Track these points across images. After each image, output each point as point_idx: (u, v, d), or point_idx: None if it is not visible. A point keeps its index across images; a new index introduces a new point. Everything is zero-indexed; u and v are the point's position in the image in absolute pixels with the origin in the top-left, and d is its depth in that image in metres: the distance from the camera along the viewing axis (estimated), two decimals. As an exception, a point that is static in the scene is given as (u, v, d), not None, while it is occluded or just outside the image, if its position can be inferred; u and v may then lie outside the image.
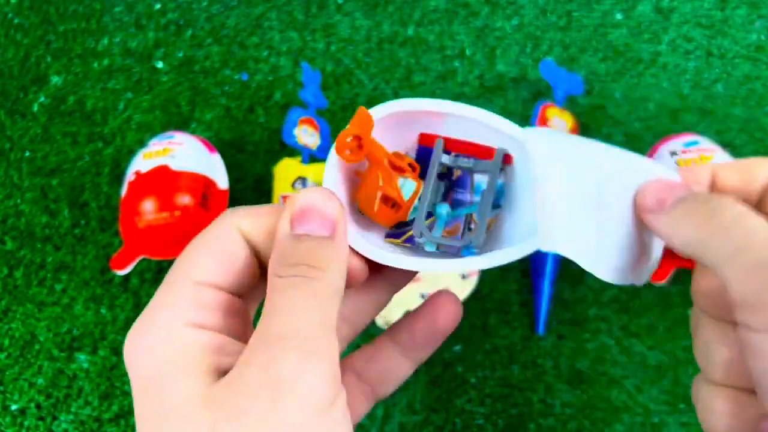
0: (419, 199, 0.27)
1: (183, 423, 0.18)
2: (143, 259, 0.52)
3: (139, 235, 0.48)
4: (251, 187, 0.55)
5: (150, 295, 0.52)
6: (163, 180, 0.48)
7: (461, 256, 0.26)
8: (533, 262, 0.49)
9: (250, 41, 0.62)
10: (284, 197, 0.51)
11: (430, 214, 0.27)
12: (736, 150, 0.54)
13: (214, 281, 0.21)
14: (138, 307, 0.51)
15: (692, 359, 0.30)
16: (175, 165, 0.49)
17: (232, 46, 0.62)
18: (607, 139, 0.55)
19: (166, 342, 0.20)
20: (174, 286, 0.21)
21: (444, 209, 0.28)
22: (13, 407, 0.49)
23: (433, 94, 0.58)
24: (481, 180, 0.27)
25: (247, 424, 0.18)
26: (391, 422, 0.47)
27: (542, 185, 0.24)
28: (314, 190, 0.22)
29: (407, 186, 0.27)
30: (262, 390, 0.18)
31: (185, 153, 0.50)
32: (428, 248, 0.27)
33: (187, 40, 0.63)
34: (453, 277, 0.40)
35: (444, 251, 0.26)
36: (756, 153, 0.54)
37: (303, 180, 0.51)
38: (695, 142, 0.48)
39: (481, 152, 0.27)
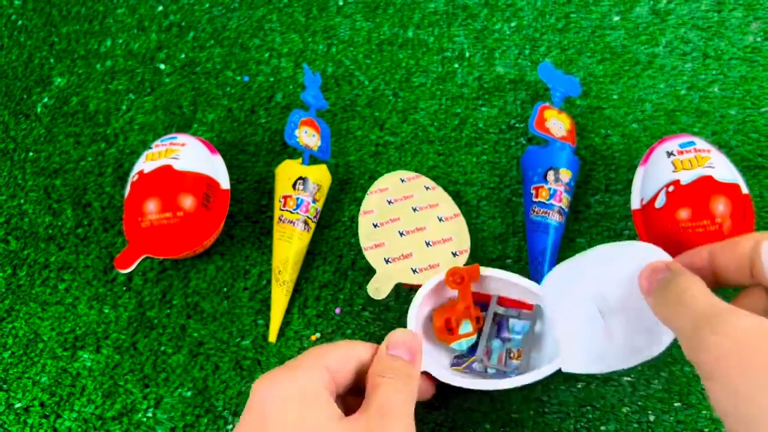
0: (479, 334, 0.44)
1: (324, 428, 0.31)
2: (146, 258, 0.52)
3: (143, 235, 0.49)
4: (253, 187, 0.56)
5: (152, 295, 0.52)
6: (165, 180, 0.49)
7: (509, 376, 0.42)
8: (531, 263, 0.49)
9: (252, 43, 0.63)
10: (285, 197, 0.51)
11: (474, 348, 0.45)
12: (731, 151, 0.54)
13: (333, 372, 0.35)
14: (140, 306, 0.52)
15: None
16: (178, 166, 0.50)
17: (234, 47, 0.63)
18: (604, 139, 0.56)
19: (304, 389, 0.32)
20: (310, 364, 0.35)
21: (497, 343, 0.45)
22: (17, 405, 0.49)
23: (432, 96, 0.59)
24: (514, 323, 0.45)
25: None
26: (391, 420, 0.47)
27: (555, 325, 0.41)
28: (403, 332, 0.38)
29: (466, 326, 0.43)
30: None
31: (187, 154, 0.51)
32: (489, 371, 0.44)
33: (190, 42, 0.63)
34: (444, 254, 0.47)
35: (495, 373, 0.44)
36: (751, 154, 0.54)
37: (304, 180, 0.52)
38: (691, 143, 0.48)
39: (520, 305, 0.45)
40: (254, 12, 0.64)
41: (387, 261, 0.46)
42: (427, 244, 0.47)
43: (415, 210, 0.49)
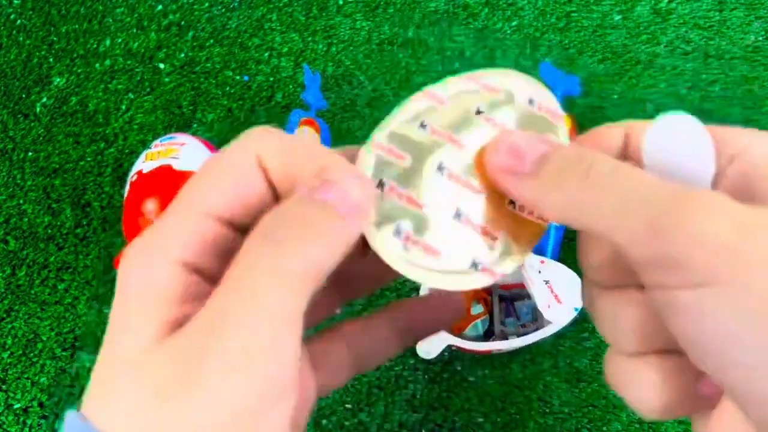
0: (490, 317, 0.50)
1: (113, 389, 0.17)
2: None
3: (142, 235, 0.49)
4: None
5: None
6: (165, 180, 0.49)
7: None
8: (532, 262, 0.49)
9: (252, 43, 0.63)
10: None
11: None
12: (733, 151, 0.54)
13: (221, 214, 0.19)
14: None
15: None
16: (177, 166, 0.49)
17: (234, 47, 0.62)
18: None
19: (148, 278, 0.18)
20: (179, 213, 0.19)
21: (511, 320, 0.50)
22: (16, 406, 0.49)
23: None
24: (520, 306, 0.51)
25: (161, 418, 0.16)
26: (391, 420, 0.47)
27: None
28: (351, 167, 0.19)
29: (477, 307, 0.46)
30: (185, 379, 0.16)
31: (187, 154, 0.51)
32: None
33: (189, 42, 0.63)
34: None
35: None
36: (753, 153, 0.54)
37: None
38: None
39: (521, 287, 0.49)
40: (254, 11, 0.64)
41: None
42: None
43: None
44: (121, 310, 0.18)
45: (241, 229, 0.19)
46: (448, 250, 0.20)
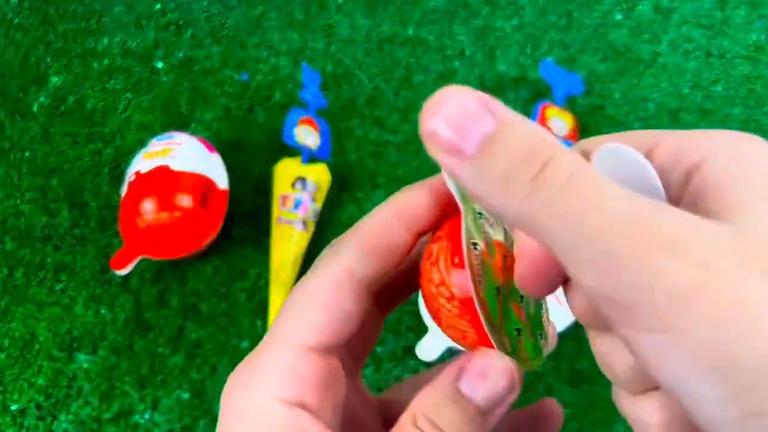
0: None
1: None
2: (143, 259, 0.52)
3: (140, 235, 0.48)
4: (251, 187, 0.55)
5: (150, 296, 0.52)
6: (163, 180, 0.48)
7: None
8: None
9: (250, 41, 0.62)
10: (284, 197, 0.51)
11: None
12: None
13: (318, 342, 0.18)
14: (138, 307, 0.51)
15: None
16: (175, 165, 0.49)
17: (232, 46, 0.62)
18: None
19: (255, 414, 0.18)
20: (274, 349, 0.18)
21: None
22: (13, 407, 0.49)
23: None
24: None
25: None
26: (391, 422, 0.47)
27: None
28: (497, 356, 0.18)
29: None
30: None
31: (185, 153, 0.50)
32: None
33: (187, 41, 0.63)
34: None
35: None
36: (756, 153, 0.54)
37: (303, 180, 0.51)
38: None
39: None
40: (253, 10, 0.64)
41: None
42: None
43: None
44: None
45: (339, 346, 0.19)
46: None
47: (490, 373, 0.18)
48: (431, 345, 0.46)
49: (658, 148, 0.16)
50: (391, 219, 0.19)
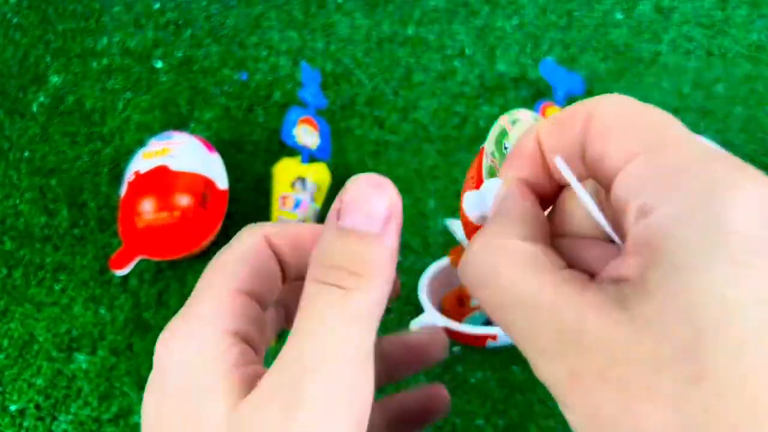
0: None
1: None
2: (142, 260, 0.52)
3: (139, 236, 0.48)
4: (251, 186, 0.55)
5: (149, 296, 0.52)
6: (162, 180, 0.48)
7: None
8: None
9: (250, 41, 0.62)
10: (283, 197, 0.51)
11: None
12: (736, 149, 0.53)
13: (247, 289, 0.20)
14: (137, 308, 0.51)
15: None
16: (175, 165, 0.49)
17: (232, 45, 0.62)
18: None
19: (203, 349, 0.19)
20: (212, 292, 0.20)
21: None
22: (12, 408, 0.48)
23: (433, 94, 0.58)
24: None
25: None
26: (391, 423, 0.47)
27: None
28: (366, 177, 0.19)
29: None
30: (278, 428, 0.17)
31: (184, 153, 0.50)
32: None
33: (187, 40, 0.62)
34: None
35: None
36: (756, 153, 0.54)
37: (302, 180, 0.51)
38: (696, 142, 0.48)
39: None
40: (252, 9, 0.64)
41: None
42: None
43: None
44: (185, 380, 0.18)
45: (260, 301, 0.21)
46: None
47: (364, 201, 0.19)
48: (426, 323, 0.46)
49: (620, 173, 0.16)
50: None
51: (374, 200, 0.18)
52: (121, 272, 0.49)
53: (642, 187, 0.15)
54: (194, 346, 0.19)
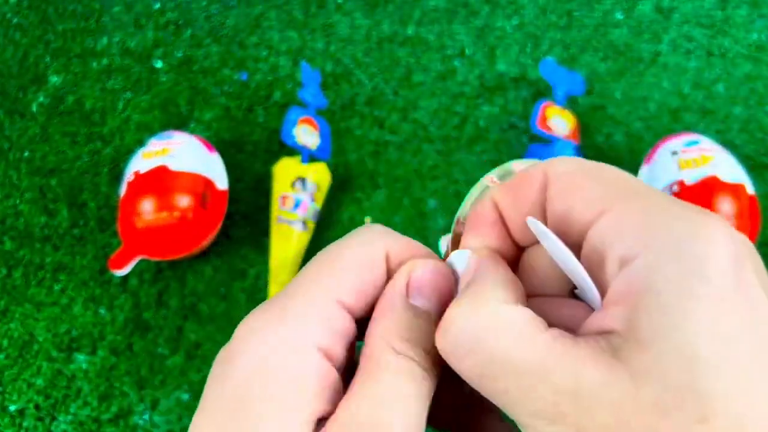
0: None
1: None
2: (142, 260, 0.52)
3: (138, 236, 0.48)
4: (250, 186, 0.55)
5: (149, 296, 0.52)
6: (162, 180, 0.48)
7: None
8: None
9: (250, 41, 0.62)
10: (283, 197, 0.51)
11: None
12: (736, 149, 0.53)
13: (351, 304, 0.18)
14: (137, 308, 0.51)
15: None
16: (174, 165, 0.49)
17: (232, 45, 0.62)
18: (608, 138, 0.55)
19: (287, 358, 0.17)
20: (314, 297, 0.18)
21: None
22: (12, 408, 0.48)
23: (432, 94, 0.58)
24: None
25: None
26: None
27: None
28: (436, 266, 0.19)
29: None
30: None
31: (184, 153, 0.50)
32: None
33: (187, 40, 0.62)
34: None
35: None
36: (756, 152, 0.54)
37: (302, 180, 0.51)
38: (696, 142, 0.47)
39: None
40: (252, 9, 0.64)
41: None
42: None
43: None
44: (265, 394, 0.16)
45: (356, 316, 0.19)
46: None
47: (429, 280, 0.18)
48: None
49: (593, 226, 0.16)
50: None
51: (441, 281, 0.19)
52: (120, 272, 0.49)
53: (619, 238, 0.16)
54: (280, 351, 0.17)
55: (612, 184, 0.17)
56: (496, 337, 0.16)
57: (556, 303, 0.18)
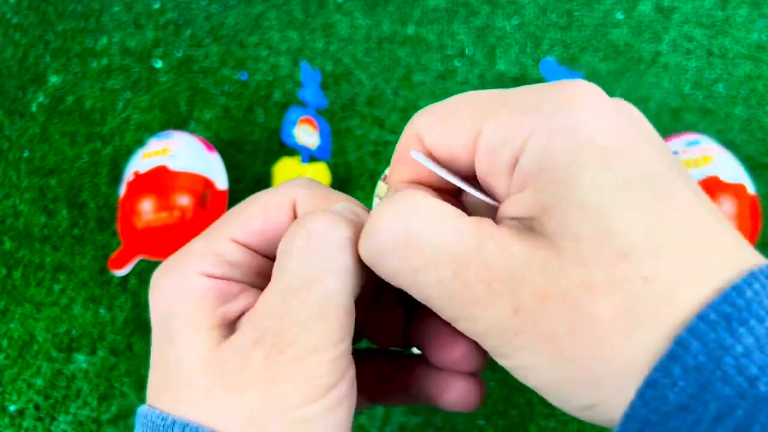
0: None
1: (183, 384, 0.18)
2: (142, 260, 0.52)
3: (138, 236, 0.48)
4: (250, 187, 0.55)
5: (149, 296, 0.52)
6: (161, 180, 0.48)
7: None
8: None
9: (250, 40, 0.62)
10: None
11: None
12: (737, 149, 0.53)
13: (249, 243, 0.21)
14: (137, 308, 0.51)
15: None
16: (174, 165, 0.49)
17: (232, 45, 0.62)
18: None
19: (176, 289, 0.20)
20: (211, 236, 0.21)
21: None
22: (12, 408, 0.48)
23: (432, 94, 0.58)
24: None
25: (239, 402, 0.17)
26: (391, 423, 0.47)
27: None
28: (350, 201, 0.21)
29: None
30: (259, 373, 0.17)
31: (184, 153, 0.50)
32: None
33: (186, 40, 0.62)
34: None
35: None
36: (757, 152, 0.54)
37: (302, 180, 0.51)
38: (696, 142, 0.47)
39: None
40: (252, 9, 0.63)
41: None
42: None
43: None
44: (167, 319, 0.19)
45: (266, 254, 0.21)
46: None
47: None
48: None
49: (480, 137, 0.18)
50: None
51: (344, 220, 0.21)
52: (120, 272, 0.49)
53: (502, 143, 0.17)
54: (171, 286, 0.20)
55: (475, 108, 0.18)
56: (425, 226, 0.17)
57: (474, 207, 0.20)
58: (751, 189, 0.46)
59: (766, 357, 0.14)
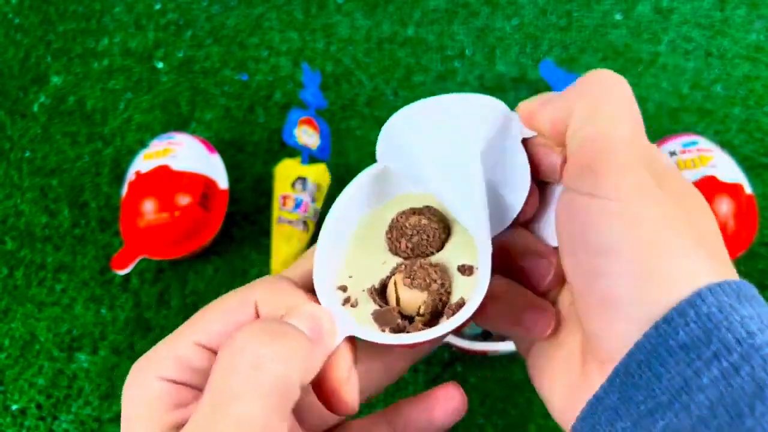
0: None
1: None
2: (143, 259, 0.52)
3: (140, 235, 0.48)
4: (251, 187, 0.56)
5: (150, 296, 0.52)
6: (163, 180, 0.48)
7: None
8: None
9: (250, 41, 0.62)
10: (284, 197, 0.51)
11: None
12: (735, 149, 0.54)
13: (212, 345, 0.22)
14: (138, 307, 0.51)
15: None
16: (176, 165, 0.49)
17: (232, 46, 0.62)
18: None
19: (136, 393, 0.21)
20: (174, 339, 0.22)
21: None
22: (14, 407, 0.49)
23: (432, 95, 0.58)
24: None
25: None
26: (391, 422, 0.47)
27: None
28: (314, 307, 0.22)
29: None
30: None
31: (185, 153, 0.50)
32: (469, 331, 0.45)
33: (187, 41, 0.63)
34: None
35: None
36: (755, 152, 0.54)
37: (303, 180, 0.51)
38: (694, 142, 0.48)
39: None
40: (253, 10, 0.64)
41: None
42: None
43: None
44: (128, 420, 0.21)
45: None
46: None
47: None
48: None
49: (535, 118, 0.24)
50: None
51: (322, 317, 0.23)
52: (122, 272, 0.49)
53: (570, 124, 0.22)
54: (140, 390, 0.21)
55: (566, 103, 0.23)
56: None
57: None
58: (748, 189, 0.46)
59: (765, 326, 0.17)
